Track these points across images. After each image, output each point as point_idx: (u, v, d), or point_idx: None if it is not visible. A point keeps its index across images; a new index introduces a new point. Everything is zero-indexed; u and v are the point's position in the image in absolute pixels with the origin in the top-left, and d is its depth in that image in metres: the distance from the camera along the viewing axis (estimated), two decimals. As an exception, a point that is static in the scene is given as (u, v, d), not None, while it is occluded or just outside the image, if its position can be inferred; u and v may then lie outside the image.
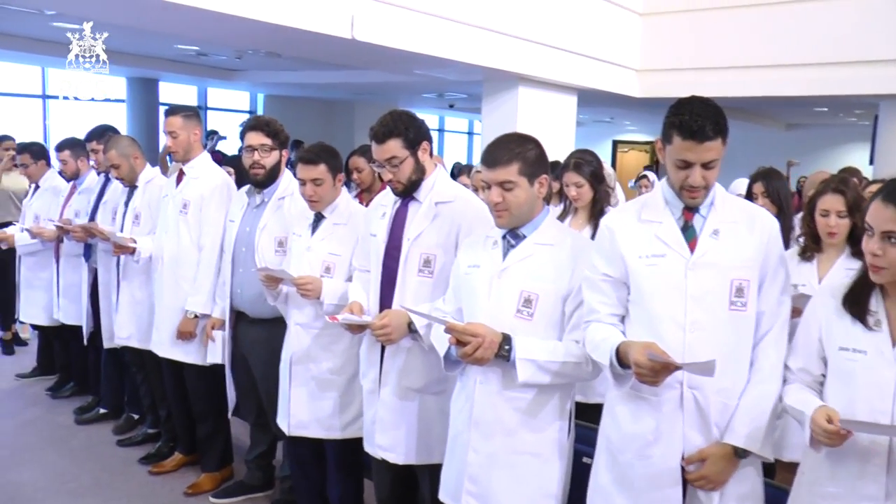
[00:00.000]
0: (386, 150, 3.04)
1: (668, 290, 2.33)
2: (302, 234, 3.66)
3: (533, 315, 2.58)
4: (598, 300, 2.46)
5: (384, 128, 3.03)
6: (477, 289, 2.68)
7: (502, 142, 2.65)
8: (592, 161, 4.12)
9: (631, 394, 2.40)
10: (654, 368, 2.17)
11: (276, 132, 3.89)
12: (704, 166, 2.28)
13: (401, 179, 3.08)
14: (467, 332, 2.52)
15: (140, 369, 5.04)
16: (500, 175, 2.59)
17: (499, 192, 2.60)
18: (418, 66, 7.99)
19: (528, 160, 2.61)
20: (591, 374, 2.59)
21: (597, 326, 2.45)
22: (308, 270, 3.55)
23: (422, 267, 3.07)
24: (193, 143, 4.41)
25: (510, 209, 2.61)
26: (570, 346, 2.57)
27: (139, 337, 4.76)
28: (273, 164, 3.89)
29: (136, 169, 4.80)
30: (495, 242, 2.71)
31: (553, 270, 2.61)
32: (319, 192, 3.54)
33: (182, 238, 4.33)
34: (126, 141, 4.85)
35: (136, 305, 4.76)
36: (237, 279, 4.02)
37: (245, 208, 4.03)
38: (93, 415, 5.61)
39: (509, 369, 2.56)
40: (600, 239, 2.50)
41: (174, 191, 4.43)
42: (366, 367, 3.27)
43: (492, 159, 2.61)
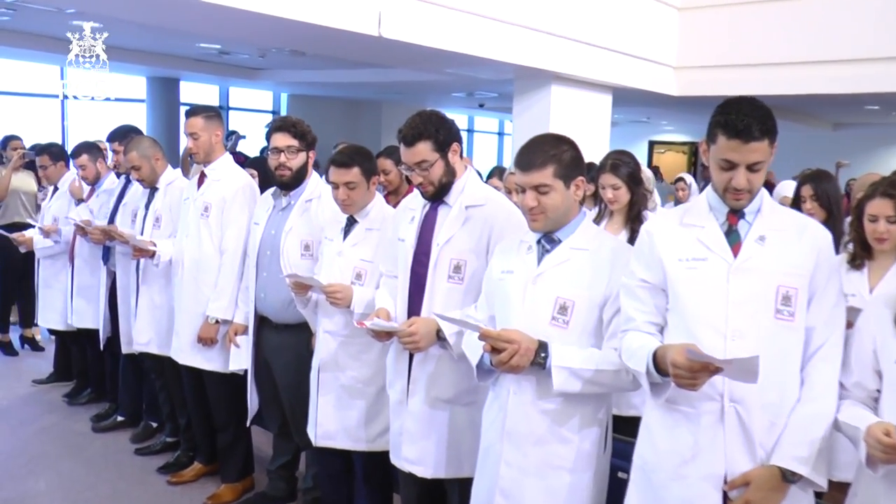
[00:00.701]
0: (415, 154, 3.04)
1: (708, 295, 2.30)
2: (333, 239, 3.67)
3: (568, 323, 2.57)
4: (635, 308, 2.44)
5: (413, 130, 3.03)
6: (510, 295, 2.67)
7: (536, 143, 2.64)
8: (630, 162, 4.10)
9: (667, 406, 2.37)
10: (693, 368, 2.12)
11: (304, 133, 3.90)
12: (749, 168, 2.26)
13: (431, 182, 3.08)
14: (502, 338, 2.51)
15: (159, 376, 5.08)
16: (534, 178, 2.58)
17: (534, 196, 2.59)
18: (448, 65, 7.99)
19: (564, 162, 2.60)
20: (631, 384, 2.56)
21: (634, 335, 2.43)
22: (339, 277, 3.56)
23: (452, 273, 3.07)
24: (215, 145, 4.44)
25: (546, 213, 2.61)
26: (609, 355, 2.55)
27: (158, 343, 4.80)
28: (300, 165, 3.90)
29: (157, 170, 4.85)
30: (530, 247, 2.71)
31: (589, 276, 2.59)
32: (353, 195, 3.54)
33: (203, 242, 4.36)
34: (147, 142, 4.89)
35: (155, 310, 4.80)
36: (261, 283, 4.04)
37: (270, 211, 4.05)
38: (110, 422, 5.66)
39: (544, 378, 2.56)
40: (639, 244, 2.49)
41: (195, 193, 4.47)
42: (393, 377, 3.28)
43: (526, 162, 2.60)
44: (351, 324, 3.49)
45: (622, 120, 17.61)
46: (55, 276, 6.06)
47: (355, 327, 3.39)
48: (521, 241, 2.76)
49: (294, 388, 3.96)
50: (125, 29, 7.12)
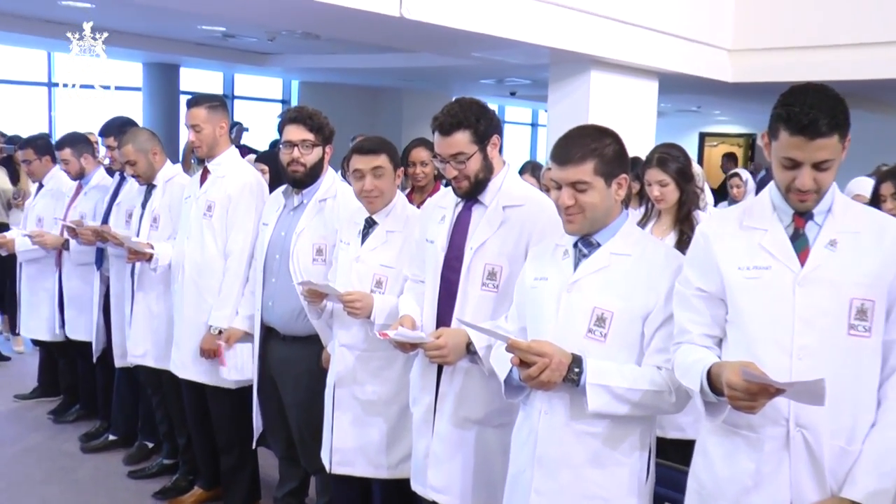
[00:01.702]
0: (452, 144, 3.05)
1: (771, 308, 2.29)
2: (350, 242, 3.67)
3: (606, 336, 2.57)
4: (689, 319, 2.44)
5: (452, 118, 3.04)
6: (543, 304, 2.68)
7: (576, 136, 2.64)
8: (679, 157, 4.10)
9: (725, 429, 2.37)
10: (751, 390, 2.11)
11: (320, 126, 3.90)
12: (816, 167, 2.24)
13: (467, 177, 3.09)
14: (532, 350, 2.51)
15: (156, 391, 5.10)
16: (572, 174, 2.58)
17: (571, 194, 2.59)
18: (475, 49, 7.99)
19: (606, 157, 2.60)
20: (674, 406, 2.56)
21: (688, 348, 2.42)
22: (356, 285, 3.56)
23: (486, 280, 3.07)
24: (219, 138, 4.46)
25: (584, 213, 2.60)
26: (651, 372, 2.55)
27: (156, 355, 4.82)
28: (315, 161, 3.91)
29: (155, 166, 4.88)
30: (566, 252, 2.71)
31: (631, 285, 2.59)
32: (380, 185, 3.53)
33: (206, 244, 4.37)
34: (144, 135, 4.93)
35: (152, 319, 4.82)
36: (268, 290, 4.05)
37: (281, 211, 4.06)
38: (101, 442, 5.69)
39: (578, 397, 2.55)
40: (695, 248, 2.48)
41: (198, 191, 4.48)
42: (418, 393, 3.28)
43: (564, 156, 2.60)
44: (371, 337, 3.49)
45: (669, 109, 17.53)
46: (40, 281, 6.06)
47: (375, 340, 3.39)
48: (557, 244, 2.76)
49: (303, 408, 3.98)
50: (119, 10, 7.18)
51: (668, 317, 2.53)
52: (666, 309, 2.54)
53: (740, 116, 19.71)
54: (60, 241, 5.65)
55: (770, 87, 2.26)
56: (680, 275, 2.51)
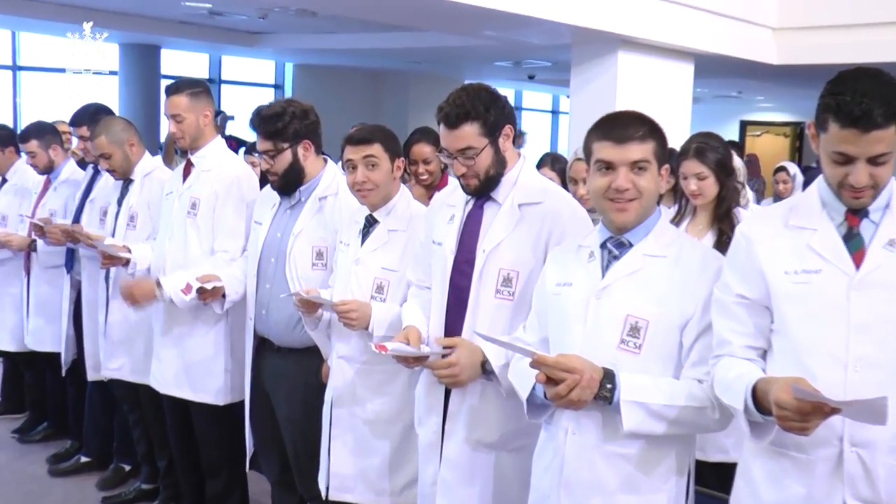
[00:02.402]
0: (459, 138, 3.04)
1: (823, 316, 2.28)
2: (350, 243, 3.68)
3: (641, 347, 2.56)
4: (730, 328, 2.43)
5: (458, 108, 3.03)
6: (569, 313, 2.67)
7: (627, 115, 2.66)
8: (718, 147, 4.09)
9: (772, 450, 2.36)
10: (802, 410, 2.10)
11: (280, 130, 3.87)
12: (871, 161, 2.22)
13: (476, 175, 3.09)
14: (560, 366, 2.50)
15: (133, 408, 5.10)
16: (634, 151, 2.57)
17: (628, 176, 2.57)
18: (490, 27, 8.00)
19: (662, 142, 2.62)
20: (718, 423, 2.55)
21: (729, 362, 2.41)
22: (356, 289, 3.57)
23: (500, 286, 3.07)
24: (204, 128, 4.45)
25: (640, 199, 2.59)
26: (691, 387, 2.54)
27: (132, 367, 4.83)
28: (284, 168, 3.90)
29: (132, 159, 4.87)
30: (592, 253, 2.70)
31: (667, 289, 2.58)
32: (374, 177, 3.54)
33: (190, 246, 4.37)
34: (119, 124, 4.92)
35: (129, 328, 4.82)
36: (261, 297, 4.05)
37: (276, 209, 4.07)
38: (72, 464, 5.69)
39: (611, 415, 2.55)
40: (735, 250, 2.48)
41: (180, 187, 4.48)
42: (424, 413, 3.28)
43: (622, 132, 2.58)
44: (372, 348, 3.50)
45: (706, 95, 17.52)
46: (5, 286, 6.09)
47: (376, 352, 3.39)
48: (581, 245, 2.75)
49: (299, 427, 3.97)
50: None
51: (709, 325, 2.52)
52: (705, 316, 2.54)
53: (786, 102, 19.69)
54: (28, 241, 5.66)
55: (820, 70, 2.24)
56: (719, 280, 2.50)
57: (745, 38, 9.09)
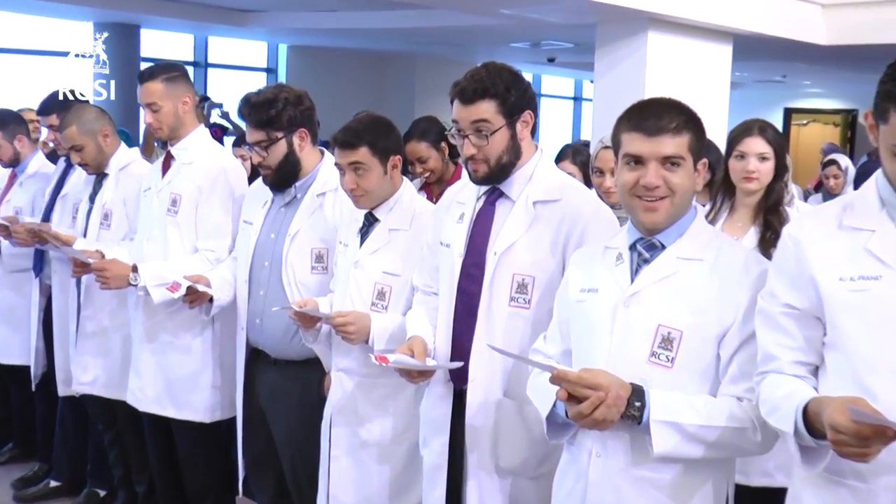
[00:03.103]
0: (474, 112, 3.06)
1: (884, 327, 2.26)
2: (349, 244, 3.70)
3: (674, 360, 2.56)
4: (776, 342, 2.42)
5: (477, 83, 3.06)
6: (594, 322, 2.67)
7: (660, 103, 2.66)
8: (779, 134, 4.08)
9: (826, 478, 2.33)
10: (861, 433, 2.08)
11: (268, 120, 3.89)
12: None
13: (488, 159, 3.09)
14: (584, 382, 2.49)
15: (109, 427, 5.10)
16: (666, 145, 2.57)
17: (658, 172, 2.57)
18: (505, 3, 8.00)
19: (698, 134, 2.62)
20: (760, 445, 2.55)
21: (776, 379, 2.40)
22: (355, 296, 3.58)
23: (514, 293, 3.07)
24: (184, 116, 4.46)
25: (673, 198, 2.59)
26: (730, 406, 2.53)
27: (108, 382, 4.82)
28: (279, 160, 3.92)
29: (106, 151, 4.86)
30: (619, 256, 2.70)
31: (704, 297, 2.58)
32: (363, 183, 3.57)
33: (171, 246, 4.38)
34: (92, 113, 4.92)
35: (104, 338, 4.82)
36: (255, 305, 4.06)
37: (269, 206, 4.08)
38: (41, 489, 5.67)
39: (640, 437, 2.55)
40: (782, 254, 2.46)
41: (160, 182, 4.49)
42: (429, 432, 3.29)
43: (654, 123, 2.58)
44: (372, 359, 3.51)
45: (747, 80, 17.52)
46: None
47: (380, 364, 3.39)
48: (608, 247, 2.76)
49: (299, 446, 3.98)
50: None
51: (750, 337, 2.52)
52: (745, 327, 2.53)
53: (837, 88, 19.68)
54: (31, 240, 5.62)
55: (875, 51, 2.21)
56: (763, 286, 2.49)
57: (791, 16, 9.07)
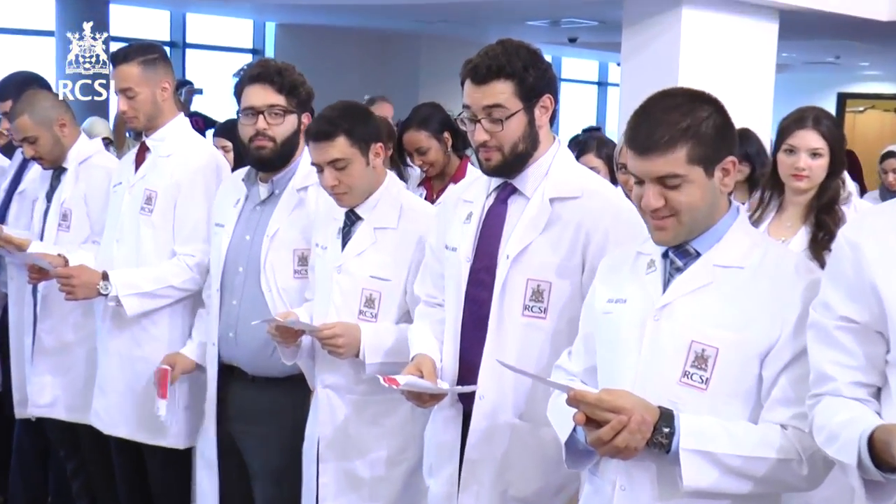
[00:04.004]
0: (488, 94, 3.07)
1: None
2: (328, 246, 3.71)
3: (708, 381, 2.56)
4: (833, 361, 2.40)
5: (492, 60, 3.07)
6: (621, 337, 2.67)
7: (658, 109, 2.62)
8: (836, 125, 4.08)
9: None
10: None
11: (293, 86, 3.93)
12: None
13: (502, 146, 3.10)
14: (603, 405, 2.49)
15: (72, 454, 5.12)
16: (657, 166, 2.56)
17: (658, 193, 2.57)
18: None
19: (704, 137, 2.57)
20: (806, 480, 2.54)
21: (832, 403, 2.38)
22: (340, 304, 3.59)
23: (529, 301, 3.08)
24: (162, 104, 4.45)
25: (678, 216, 2.58)
26: (772, 434, 2.53)
27: (69, 404, 4.82)
28: (288, 134, 3.93)
29: (64, 143, 4.84)
30: (651, 263, 2.71)
31: (744, 310, 2.57)
32: (346, 179, 3.57)
33: (144, 249, 4.37)
34: (47, 100, 4.90)
35: (64, 354, 4.82)
36: (228, 316, 4.06)
37: (241, 206, 4.08)
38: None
39: (668, 468, 2.54)
40: (838, 261, 2.44)
41: (132, 177, 4.48)
42: (436, 459, 3.29)
43: (644, 140, 2.57)
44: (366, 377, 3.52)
45: (794, 61, 17.52)
46: None
47: (373, 379, 3.39)
48: (639, 253, 2.76)
49: (276, 477, 3.98)
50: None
51: (798, 354, 2.50)
52: (794, 343, 2.52)
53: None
54: None
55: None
56: (817, 297, 2.47)
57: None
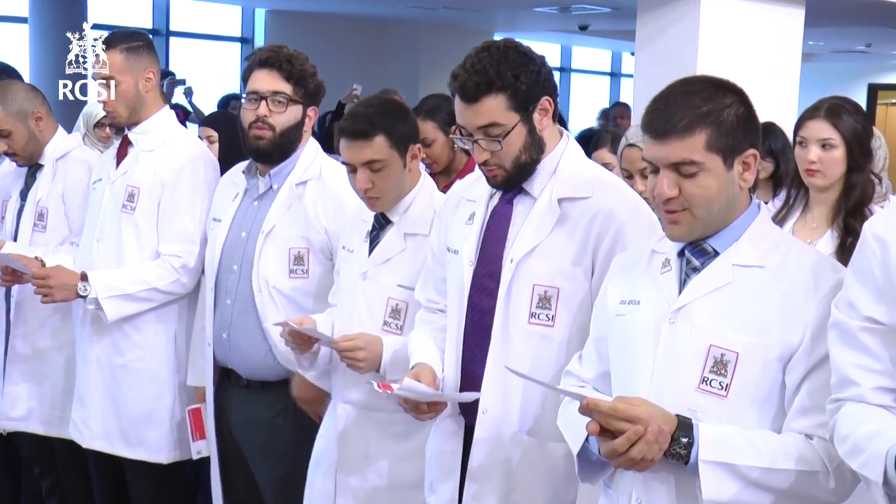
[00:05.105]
0: (480, 114, 3.06)
1: None
2: (355, 250, 3.71)
3: (728, 388, 2.56)
4: (856, 364, 2.39)
5: (478, 75, 3.05)
6: (635, 341, 2.68)
7: (678, 93, 2.64)
8: (858, 116, 4.05)
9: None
10: None
11: (302, 75, 3.95)
12: None
13: (503, 162, 3.10)
14: (618, 414, 2.49)
15: (47, 470, 5.13)
16: (674, 151, 2.57)
17: (672, 181, 2.58)
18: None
19: (725, 125, 2.59)
20: (834, 493, 2.53)
21: (857, 411, 2.38)
22: (363, 313, 3.60)
23: (536, 308, 3.09)
24: (145, 95, 4.47)
25: (692, 209, 2.59)
26: (796, 444, 2.53)
27: (44, 416, 4.83)
28: (289, 125, 3.95)
29: (40, 138, 4.87)
30: (666, 262, 2.72)
31: (766, 311, 2.58)
32: (381, 182, 3.56)
33: (126, 250, 4.38)
34: (20, 92, 4.91)
35: (40, 363, 4.83)
36: (223, 316, 4.08)
37: (240, 201, 4.10)
38: (-33, 544, 5.71)
39: (687, 479, 2.55)
40: (863, 258, 2.43)
41: (113, 173, 4.49)
42: (437, 474, 3.30)
43: (661, 124, 2.59)
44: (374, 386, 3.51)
45: (821, 50, 17.51)
46: None
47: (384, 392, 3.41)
48: (654, 251, 2.77)
49: (280, 486, 3.99)
50: None
51: (822, 359, 2.50)
52: (817, 347, 2.52)
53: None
54: None
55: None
56: (840, 294, 2.47)
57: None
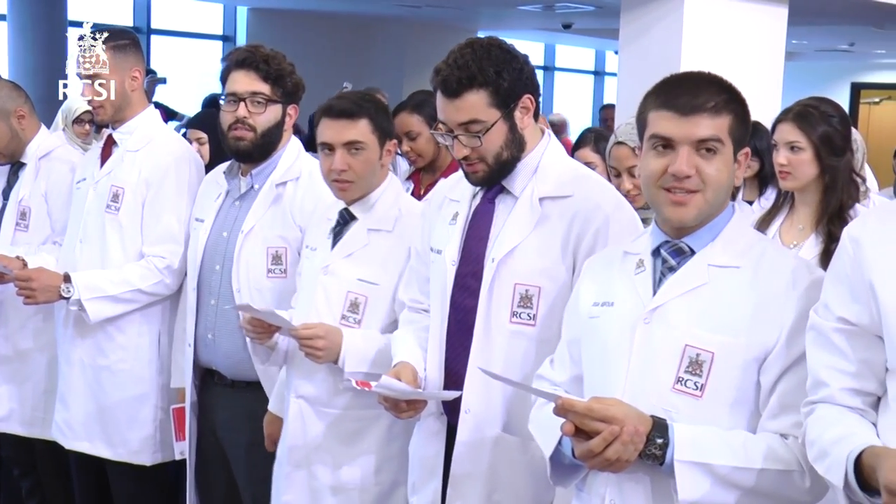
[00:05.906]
0: (461, 109, 3.08)
1: None
2: (318, 247, 3.72)
3: (704, 388, 2.57)
4: (828, 365, 2.40)
5: (461, 71, 3.06)
6: (609, 342, 2.69)
7: (697, 79, 2.66)
8: (832, 118, 4.04)
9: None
10: None
11: (280, 74, 3.96)
12: None
13: (484, 158, 3.11)
14: (594, 414, 2.49)
15: (27, 472, 5.13)
16: (703, 128, 2.56)
17: (692, 160, 2.56)
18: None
19: (740, 118, 2.62)
20: (809, 492, 2.54)
21: (826, 415, 2.39)
22: (322, 307, 3.61)
23: (517, 307, 3.10)
24: (131, 94, 4.47)
25: (705, 191, 2.58)
26: (771, 444, 2.53)
27: (24, 417, 4.83)
28: (270, 125, 3.97)
29: (22, 136, 4.86)
30: (640, 263, 2.72)
31: (741, 312, 2.58)
32: (356, 166, 3.57)
33: (110, 251, 4.39)
34: (3, 90, 4.91)
35: (21, 363, 4.83)
36: (206, 317, 4.09)
37: (222, 200, 4.11)
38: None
39: (662, 481, 2.55)
40: (839, 259, 2.45)
41: (97, 172, 4.49)
42: (420, 475, 3.30)
43: (689, 101, 2.57)
44: (343, 389, 3.51)
45: (805, 49, 17.50)
46: None
47: (350, 391, 3.42)
48: (626, 252, 2.77)
49: (260, 483, 3.98)
50: None
51: (798, 359, 2.51)
52: (792, 348, 2.52)
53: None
54: None
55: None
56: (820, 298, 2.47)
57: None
